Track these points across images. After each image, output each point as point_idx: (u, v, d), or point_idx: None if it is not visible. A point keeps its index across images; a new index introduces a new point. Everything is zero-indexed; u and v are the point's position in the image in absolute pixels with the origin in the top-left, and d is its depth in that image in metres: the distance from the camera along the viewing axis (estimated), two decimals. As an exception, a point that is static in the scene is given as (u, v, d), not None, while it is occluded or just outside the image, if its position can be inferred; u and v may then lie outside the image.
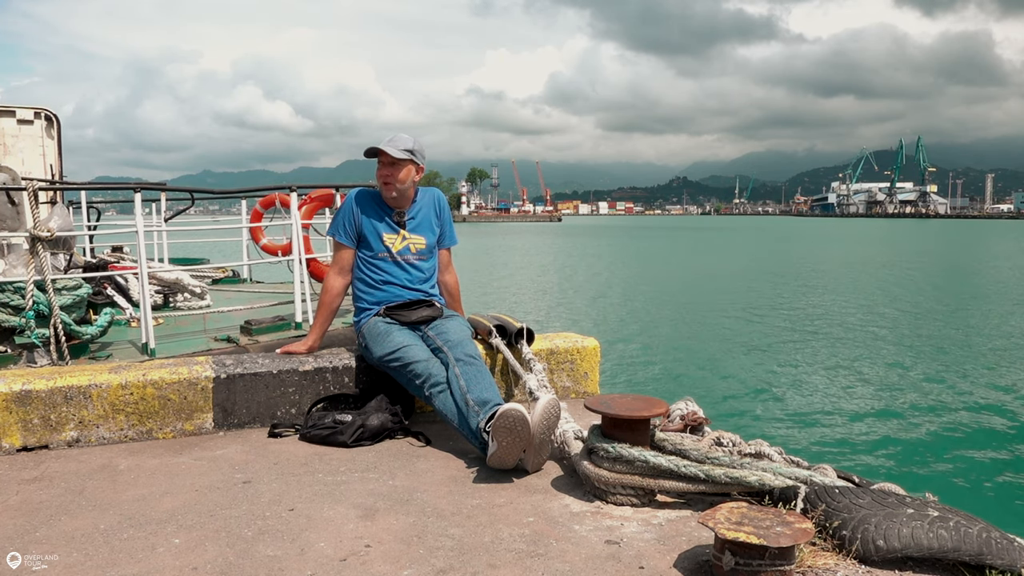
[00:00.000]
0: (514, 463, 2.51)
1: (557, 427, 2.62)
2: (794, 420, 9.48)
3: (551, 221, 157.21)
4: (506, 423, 2.42)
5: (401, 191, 3.18)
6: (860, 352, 13.75)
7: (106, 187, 6.15)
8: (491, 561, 1.86)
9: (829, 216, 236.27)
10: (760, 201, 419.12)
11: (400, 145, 3.12)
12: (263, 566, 1.83)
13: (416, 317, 3.13)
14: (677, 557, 1.87)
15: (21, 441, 2.72)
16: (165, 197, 7.58)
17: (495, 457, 2.49)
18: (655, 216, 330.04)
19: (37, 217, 3.85)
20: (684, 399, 3.09)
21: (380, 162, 3.14)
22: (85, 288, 4.20)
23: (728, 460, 2.18)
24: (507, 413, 2.42)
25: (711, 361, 13.06)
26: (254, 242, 8.14)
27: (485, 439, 2.56)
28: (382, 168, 3.14)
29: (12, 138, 6.96)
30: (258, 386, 3.02)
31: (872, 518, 1.81)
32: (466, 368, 2.82)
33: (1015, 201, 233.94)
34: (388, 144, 3.11)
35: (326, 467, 2.58)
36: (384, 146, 3.10)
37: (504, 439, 2.44)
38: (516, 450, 2.47)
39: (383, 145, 3.10)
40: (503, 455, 2.47)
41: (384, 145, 3.10)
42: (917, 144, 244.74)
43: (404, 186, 3.17)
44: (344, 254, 3.24)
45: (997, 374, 11.93)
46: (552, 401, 2.52)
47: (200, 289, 5.97)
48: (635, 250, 52.18)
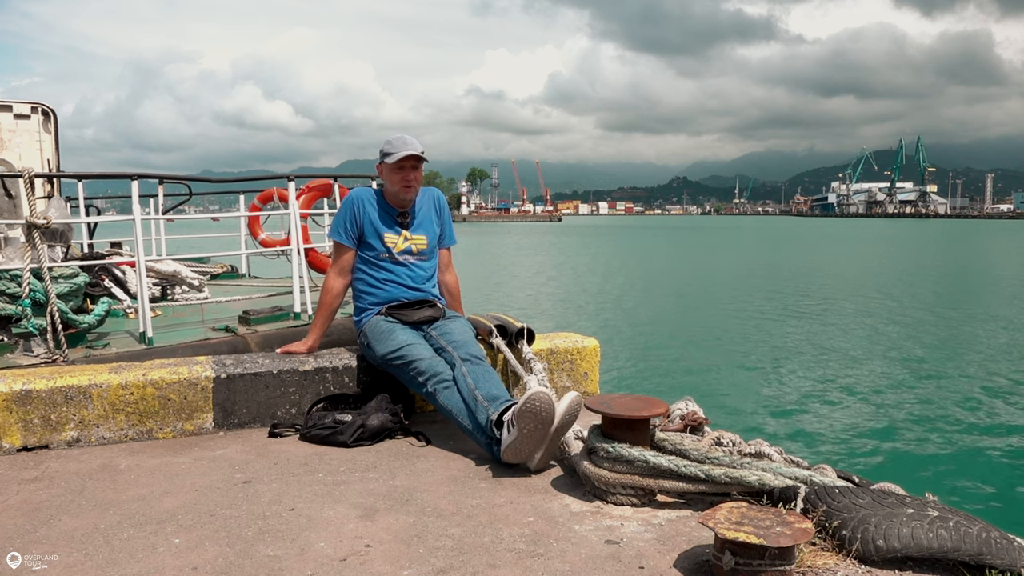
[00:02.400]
0: (529, 455, 2.48)
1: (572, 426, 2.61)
2: (794, 420, 9.48)
3: (551, 221, 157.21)
4: (533, 407, 2.38)
5: (416, 192, 3.21)
6: (860, 352, 13.75)
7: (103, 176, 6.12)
8: (491, 561, 1.86)
9: (829, 216, 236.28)
10: (760, 201, 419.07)
11: (420, 147, 3.14)
12: (263, 566, 1.83)
13: (418, 317, 3.14)
14: (677, 557, 1.87)
15: (21, 441, 2.72)
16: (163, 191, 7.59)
17: (512, 447, 2.46)
18: (655, 216, 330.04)
19: (34, 206, 3.83)
20: (684, 399, 3.09)
21: (403, 167, 3.12)
22: (82, 276, 4.16)
23: (728, 460, 2.18)
24: (537, 396, 2.39)
25: (711, 361, 13.06)
26: (252, 237, 8.15)
27: (494, 434, 2.55)
28: (407, 172, 3.12)
29: (9, 132, 6.94)
30: (258, 386, 3.02)
31: (872, 518, 1.81)
32: (473, 367, 2.82)
33: (1015, 201, 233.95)
34: (412, 147, 3.10)
35: (326, 467, 2.58)
36: (414, 150, 3.09)
37: (527, 424, 2.40)
38: (535, 439, 2.43)
39: (413, 149, 3.09)
40: (522, 444, 2.44)
41: (413, 149, 3.09)
42: (917, 144, 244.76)
43: (419, 187, 3.22)
44: (345, 255, 3.24)
45: (997, 374, 11.93)
46: (578, 399, 2.51)
47: (198, 281, 5.96)
48: (635, 250, 52.19)
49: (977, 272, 32.16)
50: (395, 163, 3.10)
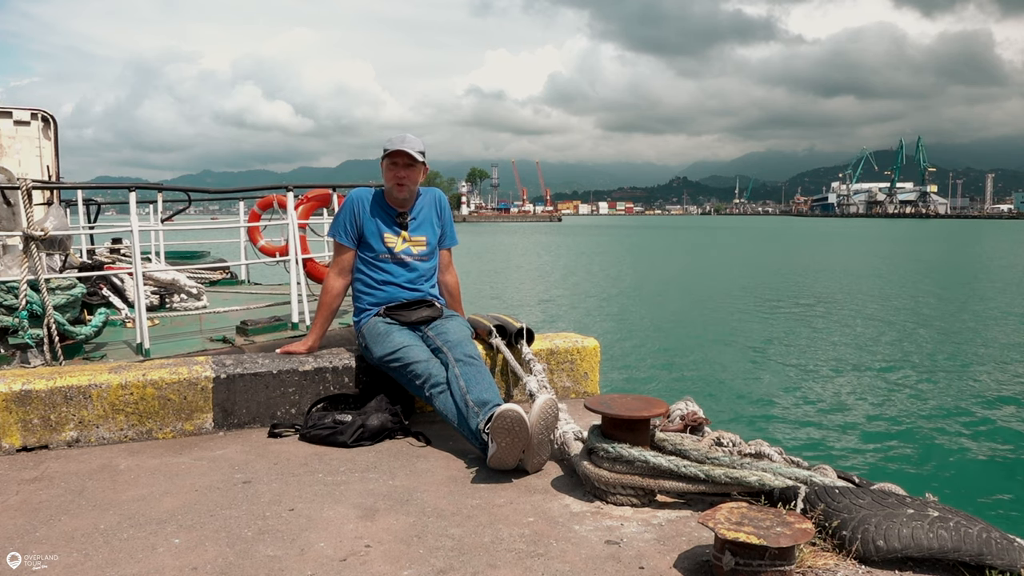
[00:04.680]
0: (514, 463, 2.51)
1: (556, 427, 2.63)
2: (794, 420, 9.47)
3: (551, 221, 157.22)
4: (504, 424, 2.42)
5: (412, 192, 3.20)
6: (860, 352, 13.74)
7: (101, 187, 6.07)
8: (491, 561, 1.86)
9: (829, 216, 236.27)
10: (760, 201, 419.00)
11: (416, 147, 3.12)
12: (263, 566, 1.83)
13: (416, 317, 3.13)
14: (677, 557, 1.87)
15: (21, 441, 2.72)
16: (162, 198, 7.58)
17: (495, 458, 2.49)
18: (655, 216, 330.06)
19: (31, 217, 3.83)
20: (684, 399, 3.09)
21: (395, 163, 3.12)
22: (79, 288, 4.17)
23: (728, 460, 2.18)
24: (504, 414, 2.43)
25: (711, 361, 13.06)
26: (252, 243, 8.15)
27: (485, 440, 2.56)
28: (399, 169, 3.12)
29: (9, 139, 6.94)
30: (258, 386, 3.02)
31: (872, 518, 1.81)
32: (466, 368, 2.82)
33: (1015, 201, 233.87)
34: (406, 144, 3.10)
35: (326, 467, 2.58)
36: (406, 147, 3.09)
37: (503, 440, 2.44)
38: (515, 451, 2.47)
39: (405, 146, 3.09)
40: (503, 456, 2.47)
41: (405, 146, 3.09)
42: (917, 144, 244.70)
43: (415, 187, 3.21)
44: (345, 255, 3.24)
45: (998, 374, 11.93)
46: (550, 401, 2.52)
47: (196, 290, 5.96)
48: (635, 250, 52.18)
49: (977, 272, 32.16)
50: (387, 159, 3.12)
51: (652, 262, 39.85)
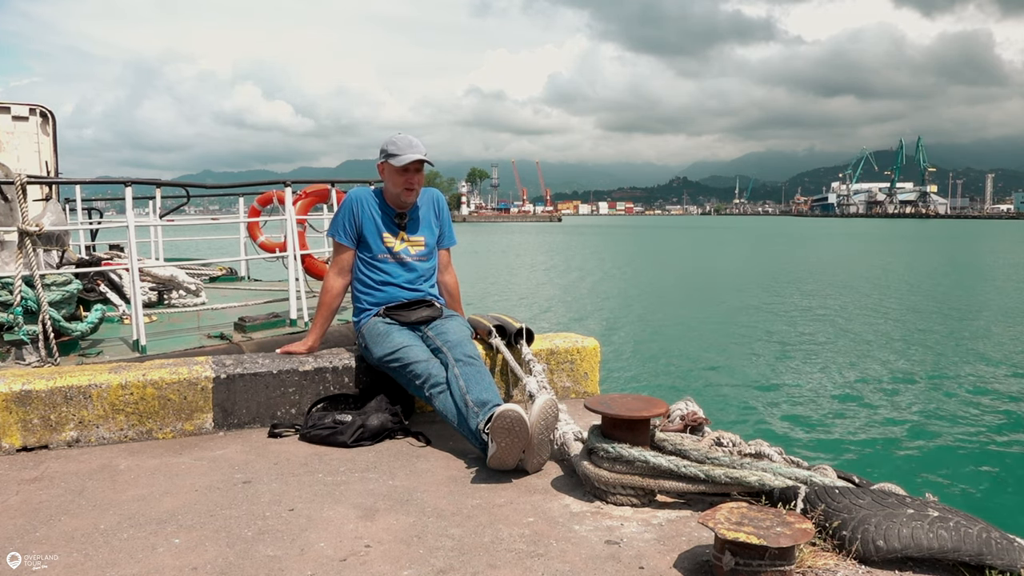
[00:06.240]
0: (514, 464, 2.51)
1: (556, 427, 2.63)
2: (794, 420, 9.47)
3: (551, 221, 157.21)
4: (504, 424, 2.42)
5: (417, 195, 3.21)
6: (860, 352, 13.74)
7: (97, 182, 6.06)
8: (491, 561, 1.86)
9: (829, 216, 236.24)
10: (760, 201, 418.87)
11: (424, 149, 3.13)
12: (263, 566, 1.83)
13: (416, 317, 3.13)
14: (677, 557, 1.87)
15: (21, 441, 2.72)
16: (160, 194, 7.57)
17: (495, 458, 2.49)
18: (655, 216, 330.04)
19: (26, 212, 3.82)
20: (684, 399, 3.09)
21: (407, 168, 3.11)
22: (75, 284, 4.14)
23: (728, 460, 2.18)
24: (504, 414, 2.43)
25: (711, 361, 13.05)
26: (252, 240, 8.15)
27: (485, 440, 2.56)
28: (410, 175, 3.12)
29: (7, 135, 6.94)
30: (258, 386, 3.02)
31: (872, 518, 1.81)
32: (465, 368, 2.82)
33: (1015, 201, 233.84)
34: (420, 151, 3.09)
35: (326, 467, 2.58)
36: (421, 154, 3.08)
37: (503, 440, 2.45)
38: (515, 451, 2.47)
39: (420, 153, 3.08)
40: (502, 456, 2.48)
41: (420, 153, 3.08)
42: (917, 144, 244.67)
43: (420, 189, 3.22)
44: (344, 254, 3.24)
45: (998, 374, 11.93)
46: (549, 401, 2.53)
47: (195, 286, 5.95)
48: (635, 249, 52.17)
49: (978, 271, 32.15)
50: (400, 166, 3.09)
51: (652, 262, 39.85)
